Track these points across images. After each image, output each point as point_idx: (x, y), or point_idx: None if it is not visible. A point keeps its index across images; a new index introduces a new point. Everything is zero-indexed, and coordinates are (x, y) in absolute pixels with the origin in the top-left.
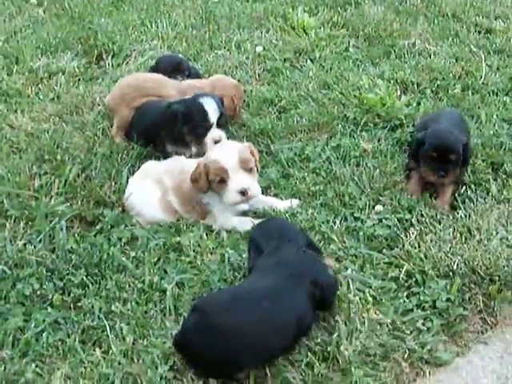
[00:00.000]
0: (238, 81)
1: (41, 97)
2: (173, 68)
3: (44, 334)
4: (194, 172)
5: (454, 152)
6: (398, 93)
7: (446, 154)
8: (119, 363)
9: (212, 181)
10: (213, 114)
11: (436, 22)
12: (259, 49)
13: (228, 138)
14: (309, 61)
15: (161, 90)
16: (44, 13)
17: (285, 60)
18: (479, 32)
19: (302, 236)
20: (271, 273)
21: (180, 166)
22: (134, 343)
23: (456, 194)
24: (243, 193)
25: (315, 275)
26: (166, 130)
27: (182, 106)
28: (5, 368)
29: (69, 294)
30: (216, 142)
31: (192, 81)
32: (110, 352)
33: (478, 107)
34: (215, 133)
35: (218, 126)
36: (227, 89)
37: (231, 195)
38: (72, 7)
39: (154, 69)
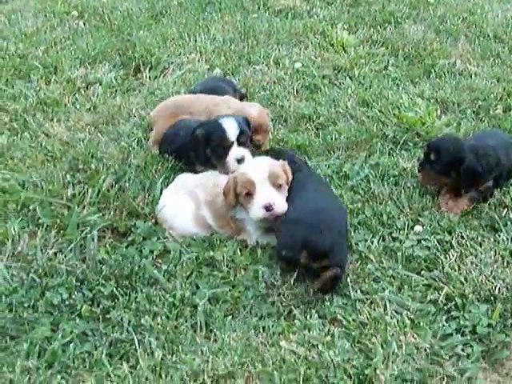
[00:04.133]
0: (276, 96)
1: (77, 106)
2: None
3: (71, 346)
4: (225, 186)
5: (436, 152)
6: (438, 112)
7: (429, 151)
8: (146, 379)
9: (239, 194)
10: (232, 132)
11: (477, 42)
12: (298, 65)
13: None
14: (347, 78)
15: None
16: (84, 24)
17: (323, 77)
18: None
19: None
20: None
21: (214, 179)
22: (162, 359)
23: (497, 217)
24: (268, 208)
25: None
26: (194, 151)
27: (203, 128)
28: (29, 378)
29: (98, 306)
30: (239, 161)
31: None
32: (138, 367)
33: None
34: (237, 151)
35: (240, 144)
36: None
37: (256, 210)
38: (112, 20)
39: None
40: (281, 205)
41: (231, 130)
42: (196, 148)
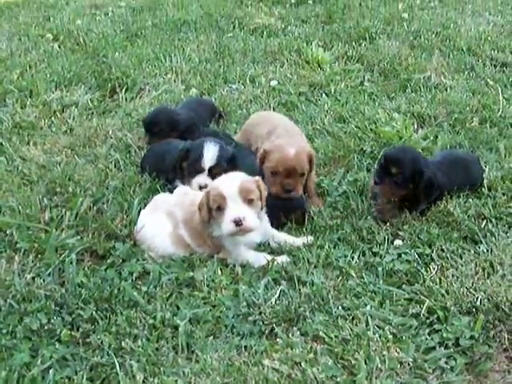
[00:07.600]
0: None
1: (53, 129)
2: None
3: (51, 371)
4: (200, 201)
5: (397, 166)
6: (415, 126)
7: (387, 163)
8: None
9: (211, 208)
10: (208, 161)
11: (451, 56)
12: (274, 83)
13: None
14: (324, 95)
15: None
16: (59, 47)
17: (300, 94)
18: (495, 66)
19: None
20: None
21: (190, 197)
22: (144, 381)
23: (477, 228)
24: (237, 223)
25: None
26: (175, 164)
27: (190, 143)
28: None
29: (77, 330)
30: (201, 188)
31: None
32: None
33: (497, 140)
34: (202, 179)
35: (211, 174)
36: None
37: (226, 224)
38: (87, 42)
39: None
40: (251, 220)
41: (208, 158)
42: (177, 160)
